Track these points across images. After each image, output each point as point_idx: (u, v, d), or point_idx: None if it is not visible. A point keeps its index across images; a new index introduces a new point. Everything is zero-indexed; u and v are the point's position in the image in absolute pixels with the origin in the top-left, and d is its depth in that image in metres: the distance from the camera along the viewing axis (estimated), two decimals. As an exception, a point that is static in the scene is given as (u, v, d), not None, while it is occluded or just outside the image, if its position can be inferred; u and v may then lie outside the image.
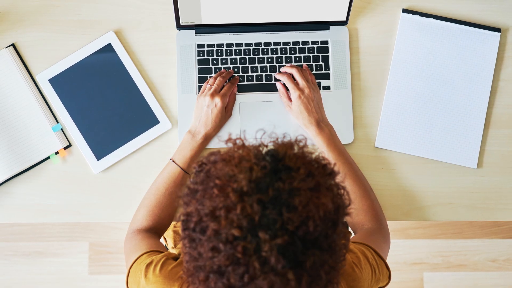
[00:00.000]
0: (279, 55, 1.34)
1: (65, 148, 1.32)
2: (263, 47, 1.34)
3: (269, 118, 1.32)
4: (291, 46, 1.35)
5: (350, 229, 1.42)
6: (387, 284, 1.15)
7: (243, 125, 1.32)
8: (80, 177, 1.32)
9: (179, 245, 1.47)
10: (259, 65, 1.34)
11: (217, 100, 1.26)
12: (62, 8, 1.36)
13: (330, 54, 1.35)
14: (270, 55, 1.34)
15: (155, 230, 1.24)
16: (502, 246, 2.13)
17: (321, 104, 1.30)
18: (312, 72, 1.34)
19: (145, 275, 1.06)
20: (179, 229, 0.87)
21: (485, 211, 1.33)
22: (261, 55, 1.34)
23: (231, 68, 1.34)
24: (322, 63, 1.34)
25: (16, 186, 1.31)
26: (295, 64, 1.34)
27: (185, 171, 1.25)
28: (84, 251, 2.10)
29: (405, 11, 1.36)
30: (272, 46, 1.35)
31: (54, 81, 1.34)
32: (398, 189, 1.32)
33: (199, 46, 1.34)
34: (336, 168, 0.88)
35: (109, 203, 1.31)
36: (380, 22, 1.37)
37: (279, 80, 1.33)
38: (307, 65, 1.34)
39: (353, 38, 1.36)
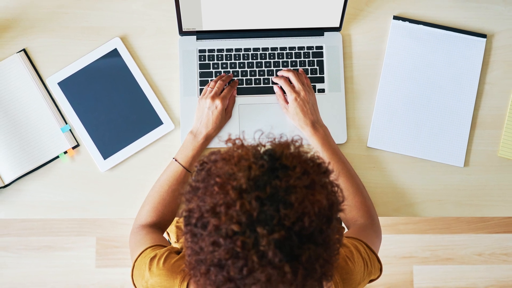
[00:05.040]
0: (276, 59, 1.34)
1: (74, 147, 1.32)
2: (261, 52, 1.35)
3: (267, 120, 1.32)
4: (287, 51, 1.35)
5: (343, 225, 1.42)
6: (378, 276, 1.15)
7: (242, 126, 1.32)
8: (87, 175, 1.32)
9: (182, 240, 1.47)
10: (257, 69, 1.34)
11: (218, 102, 1.26)
12: (71, 16, 1.36)
13: (324, 58, 1.35)
14: (267, 60, 1.34)
15: (158, 225, 1.24)
16: (488, 240, 2.13)
17: (316, 106, 1.30)
18: (308, 75, 1.34)
19: (149, 268, 1.06)
20: (182, 225, 0.88)
21: (471, 207, 1.33)
22: (259, 60, 1.34)
23: (231, 72, 1.34)
24: (317, 67, 1.35)
25: (27, 184, 1.31)
26: (292, 68, 1.34)
27: (187, 169, 1.25)
28: (91, 245, 2.10)
29: (395, 18, 1.36)
30: (270, 51, 1.35)
31: (63, 84, 1.34)
32: (389, 187, 1.33)
33: (200, 51, 1.34)
34: (330, 167, 0.88)
35: (115, 200, 1.32)
36: (372, 28, 1.37)
37: (276, 84, 1.33)
38: (303, 69, 1.34)
39: (346, 43, 1.37)
